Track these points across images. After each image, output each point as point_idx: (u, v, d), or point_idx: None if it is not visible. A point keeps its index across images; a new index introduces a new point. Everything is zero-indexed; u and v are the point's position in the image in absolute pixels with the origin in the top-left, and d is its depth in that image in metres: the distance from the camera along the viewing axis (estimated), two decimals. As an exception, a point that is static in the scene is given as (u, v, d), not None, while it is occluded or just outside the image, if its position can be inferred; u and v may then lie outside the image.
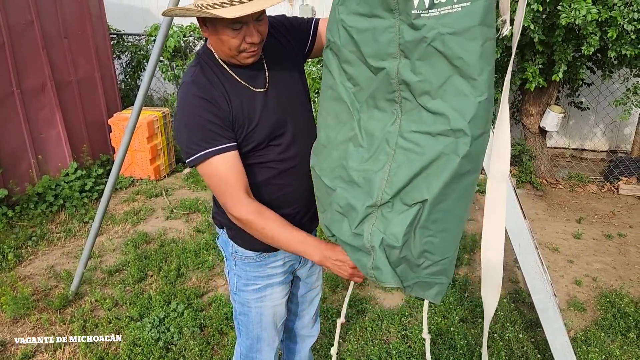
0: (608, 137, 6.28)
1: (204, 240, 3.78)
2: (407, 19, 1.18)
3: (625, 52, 3.92)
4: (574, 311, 3.08)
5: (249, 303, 1.70)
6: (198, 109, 1.39)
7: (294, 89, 1.57)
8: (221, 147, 1.38)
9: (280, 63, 1.55)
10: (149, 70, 2.64)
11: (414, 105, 1.24)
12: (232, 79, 1.45)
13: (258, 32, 1.37)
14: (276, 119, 1.49)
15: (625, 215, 4.60)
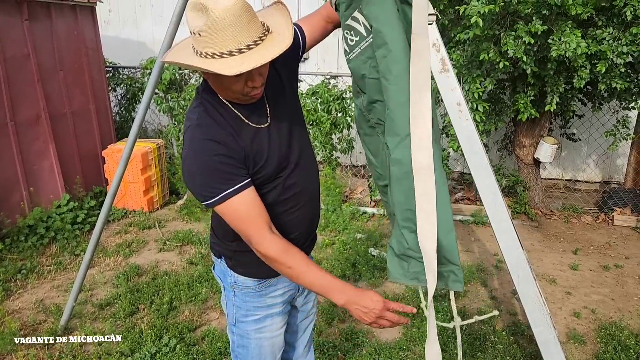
0: (601, 168, 6.32)
1: (197, 273, 3.72)
2: (349, 62, 1.61)
3: (615, 85, 3.98)
4: (574, 344, 3.03)
5: (249, 335, 1.66)
6: (209, 152, 1.35)
7: (293, 117, 1.57)
8: (238, 186, 1.35)
9: (278, 94, 1.54)
10: (144, 102, 2.64)
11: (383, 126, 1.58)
12: (236, 118, 1.43)
13: (260, 74, 1.35)
14: (281, 151, 1.49)
15: (621, 246, 4.59)
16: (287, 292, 1.67)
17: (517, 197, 5.34)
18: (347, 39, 1.57)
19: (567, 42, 3.56)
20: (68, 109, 4.78)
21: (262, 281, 1.61)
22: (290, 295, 1.69)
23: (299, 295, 1.76)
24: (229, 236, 1.58)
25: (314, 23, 1.69)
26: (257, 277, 1.60)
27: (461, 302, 3.46)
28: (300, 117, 1.62)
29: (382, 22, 1.46)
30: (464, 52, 4.25)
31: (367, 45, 1.53)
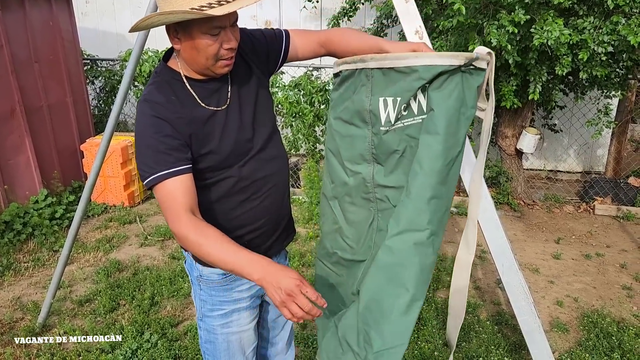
0: (582, 158, 6.38)
1: (180, 267, 3.66)
2: (378, 132, 1.39)
3: (596, 73, 4.00)
4: (557, 332, 3.05)
5: (215, 330, 1.61)
6: (152, 129, 1.32)
7: (258, 106, 1.51)
8: (174, 169, 1.31)
9: (244, 79, 1.50)
10: (120, 94, 2.57)
11: (389, 205, 1.41)
12: (190, 98, 1.39)
13: (235, 38, 1.34)
14: (241, 136, 1.44)
15: (602, 235, 4.63)
16: (255, 287, 1.61)
17: (500, 187, 5.36)
18: (391, 107, 1.34)
19: (550, 30, 3.56)
20: (44, 102, 4.66)
21: (227, 275, 1.55)
22: (258, 289, 1.63)
23: None
24: None
25: (307, 41, 1.61)
26: (219, 271, 1.55)
27: (445, 292, 3.46)
28: (269, 108, 1.56)
29: (442, 112, 1.28)
30: (447, 42, 4.23)
31: (414, 124, 1.34)
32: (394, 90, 1.32)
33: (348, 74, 1.42)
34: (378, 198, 1.41)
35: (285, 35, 1.58)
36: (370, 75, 1.35)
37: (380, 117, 1.35)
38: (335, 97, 1.50)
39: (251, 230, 1.52)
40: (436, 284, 3.52)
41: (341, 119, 1.48)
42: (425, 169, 1.29)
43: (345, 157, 1.45)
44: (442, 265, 3.82)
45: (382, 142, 1.37)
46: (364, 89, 1.37)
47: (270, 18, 6.59)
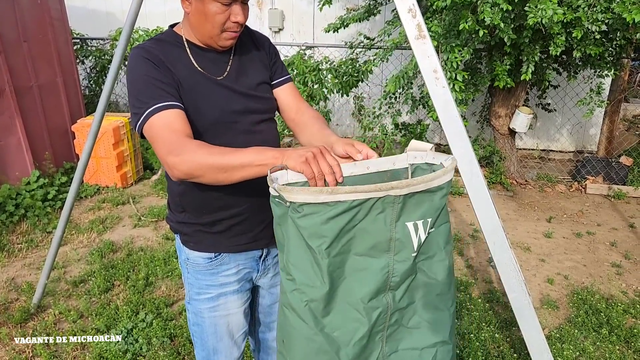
0: (574, 137, 6.41)
1: (173, 248, 3.67)
2: (406, 259, 1.19)
3: (589, 51, 4.00)
4: (547, 309, 3.10)
5: (202, 313, 1.61)
6: (143, 69, 1.33)
7: (256, 91, 1.50)
8: (170, 103, 1.30)
9: (249, 62, 1.51)
10: (111, 74, 2.55)
11: (397, 327, 1.26)
12: (186, 60, 1.41)
13: (243, 14, 1.36)
14: (225, 106, 1.43)
15: (594, 213, 4.68)
16: (243, 270, 1.60)
17: (493, 167, 5.38)
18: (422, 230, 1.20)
19: (544, 9, 3.54)
20: (34, 82, 4.60)
21: (213, 259, 1.55)
22: (246, 273, 1.61)
23: (262, 276, 1.68)
24: (177, 207, 1.54)
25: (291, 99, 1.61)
26: (207, 251, 1.54)
27: (438, 271, 3.49)
28: (268, 101, 1.55)
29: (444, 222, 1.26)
30: (442, 22, 4.20)
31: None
32: (423, 211, 1.18)
33: (356, 204, 1.09)
34: (390, 325, 1.24)
35: (285, 78, 1.61)
36: (398, 201, 1.13)
37: (413, 243, 1.18)
38: (329, 229, 1.09)
39: (234, 215, 1.49)
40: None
41: (353, 252, 1.16)
42: (452, 279, 1.30)
43: (360, 295, 1.18)
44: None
45: (410, 269, 1.21)
46: (383, 216, 1.13)
47: (263, -4, 6.51)
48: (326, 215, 1.06)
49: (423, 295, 1.25)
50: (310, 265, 1.12)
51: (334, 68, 5.11)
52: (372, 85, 6.07)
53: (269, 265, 1.67)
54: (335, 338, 1.17)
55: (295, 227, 1.08)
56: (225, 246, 1.54)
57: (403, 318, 1.25)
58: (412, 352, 1.26)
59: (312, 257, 1.11)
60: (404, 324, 1.26)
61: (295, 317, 1.15)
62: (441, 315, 1.27)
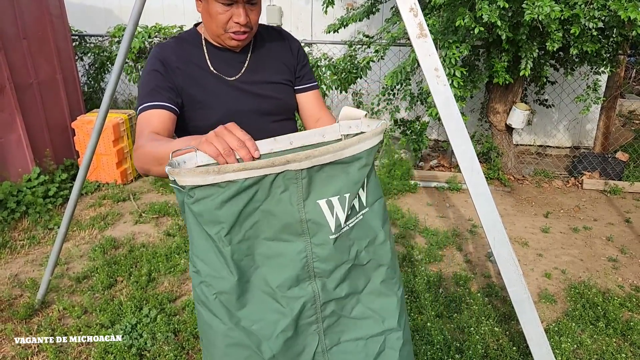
0: (571, 133, 6.46)
1: (175, 244, 3.70)
2: (325, 242, 1.05)
3: (586, 48, 4.03)
4: (545, 303, 3.14)
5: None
6: (153, 67, 1.41)
7: (269, 90, 1.52)
8: (160, 103, 1.36)
9: (266, 64, 1.52)
10: (115, 71, 2.56)
11: (336, 318, 1.14)
12: (201, 59, 1.46)
13: (247, 16, 1.37)
14: (231, 107, 1.45)
15: (590, 208, 4.73)
16: None
17: (490, 163, 5.43)
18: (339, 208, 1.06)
19: (541, 6, 3.57)
20: (34, 79, 4.61)
21: None
22: None
23: None
24: None
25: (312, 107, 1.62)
26: None
27: (437, 266, 3.54)
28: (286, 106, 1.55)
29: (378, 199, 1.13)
30: (440, 19, 4.23)
31: (358, 223, 1.10)
32: (338, 187, 1.03)
33: (249, 183, 0.95)
34: (325, 316, 1.12)
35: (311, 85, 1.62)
36: (301, 176, 0.99)
37: (329, 224, 1.03)
38: (225, 213, 0.96)
39: None
40: (428, 258, 3.60)
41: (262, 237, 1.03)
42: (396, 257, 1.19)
43: (276, 283, 1.05)
44: (434, 240, 3.89)
45: (332, 253, 1.06)
46: (287, 194, 1.00)
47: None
48: (219, 198, 0.93)
49: (366, 283, 1.15)
50: (214, 255, 1.00)
51: (332, 65, 5.14)
52: (370, 82, 6.10)
53: None
54: (254, 332, 1.05)
55: (192, 215, 0.96)
56: None
57: (344, 309, 1.14)
58: (355, 342, 1.16)
59: (214, 246, 0.99)
60: (345, 315, 1.14)
61: (207, 312, 1.05)
62: (388, 302, 1.17)
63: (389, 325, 1.17)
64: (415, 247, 3.80)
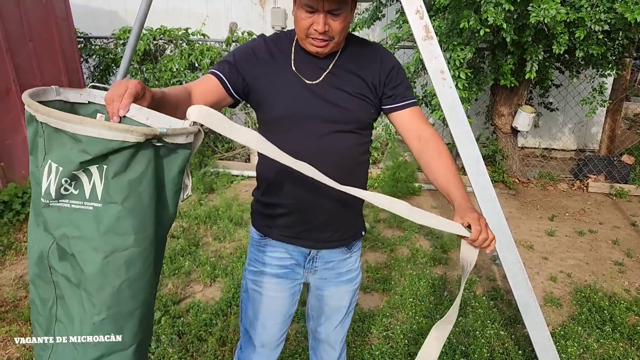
0: (576, 136, 6.43)
1: (180, 246, 3.70)
2: (38, 202, 0.99)
3: (592, 51, 4.02)
4: (551, 307, 3.13)
5: (247, 283, 1.73)
6: (243, 48, 1.55)
7: (343, 100, 1.50)
8: (217, 73, 1.49)
9: (347, 75, 1.51)
10: (120, 72, 2.57)
11: (62, 294, 1.04)
12: (286, 60, 1.51)
13: (327, 24, 1.39)
14: (292, 108, 1.49)
15: (595, 212, 4.71)
16: (289, 259, 1.66)
17: (495, 165, 5.41)
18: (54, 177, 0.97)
19: (546, 8, 3.56)
20: (39, 81, 4.62)
21: (262, 237, 1.66)
22: (292, 264, 1.67)
23: (310, 275, 1.72)
24: (257, 179, 1.69)
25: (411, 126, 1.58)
26: (257, 229, 1.68)
27: (441, 269, 3.52)
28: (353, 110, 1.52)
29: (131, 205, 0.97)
30: (445, 21, 4.23)
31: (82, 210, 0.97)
32: (61, 156, 0.95)
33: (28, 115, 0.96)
34: (54, 281, 1.03)
35: (405, 103, 1.56)
36: (42, 128, 0.95)
37: (42, 185, 0.97)
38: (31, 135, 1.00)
39: (282, 205, 1.58)
40: (432, 261, 3.59)
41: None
42: (120, 280, 0.97)
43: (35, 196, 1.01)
44: (439, 243, 3.88)
45: (43, 216, 1.00)
46: (41, 141, 0.97)
47: (266, -5, 6.53)
48: None
49: (74, 273, 0.98)
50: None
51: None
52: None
53: (317, 268, 1.69)
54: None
55: None
56: (271, 231, 1.64)
57: (66, 288, 1.01)
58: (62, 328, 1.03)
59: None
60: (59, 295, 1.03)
61: None
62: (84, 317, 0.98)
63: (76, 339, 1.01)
64: (420, 250, 3.78)
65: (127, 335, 1.00)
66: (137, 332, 1.01)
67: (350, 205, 1.61)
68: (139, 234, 0.97)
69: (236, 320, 2.86)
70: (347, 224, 1.64)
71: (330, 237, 1.62)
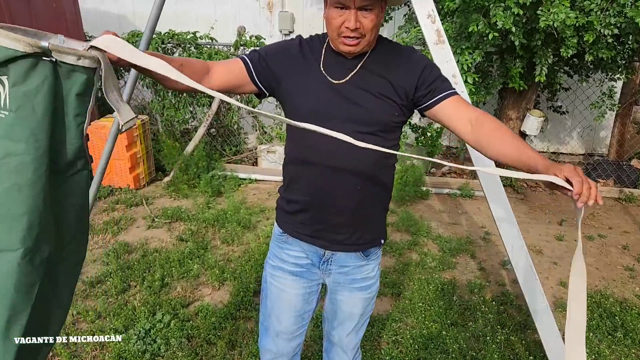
0: (584, 140, 6.40)
1: (188, 249, 3.70)
2: None
3: (601, 55, 4.00)
4: (561, 312, 3.11)
5: (267, 276, 1.78)
6: (280, 44, 1.61)
7: (367, 101, 1.49)
8: (244, 58, 1.55)
9: (374, 77, 1.50)
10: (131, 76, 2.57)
11: None
12: (315, 60, 1.53)
13: (359, 21, 1.39)
14: (326, 108, 1.49)
15: (605, 217, 4.68)
16: (304, 259, 1.68)
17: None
18: None
19: (556, 13, 3.55)
20: (49, 84, 4.65)
21: (283, 233, 1.70)
22: (308, 264, 1.69)
23: (325, 277, 1.72)
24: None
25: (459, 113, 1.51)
26: (280, 226, 1.71)
27: (450, 273, 3.51)
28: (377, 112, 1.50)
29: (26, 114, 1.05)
30: (453, 24, 4.22)
31: None
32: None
33: None
34: None
35: (442, 96, 1.50)
36: None
37: None
38: None
39: (300, 202, 1.61)
40: (441, 266, 3.57)
41: None
42: (11, 182, 1.05)
43: None
44: (447, 247, 3.87)
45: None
46: None
47: (273, -1, 6.55)
48: None
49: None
50: None
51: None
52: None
53: (331, 271, 1.70)
54: None
55: None
56: (290, 228, 1.67)
57: None
58: None
59: None
60: None
61: None
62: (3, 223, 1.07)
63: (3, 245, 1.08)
64: (428, 254, 3.77)
65: (14, 237, 1.06)
66: (24, 237, 1.07)
67: (370, 210, 1.61)
68: (29, 143, 1.04)
69: (245, 324, 2.86)
70: (365, 229, 1.63)
71: (345, 240, 1.62)
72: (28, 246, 1.09)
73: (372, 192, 1.57)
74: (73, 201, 1.18)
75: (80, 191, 1.20)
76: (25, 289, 1.11)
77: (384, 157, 1.48)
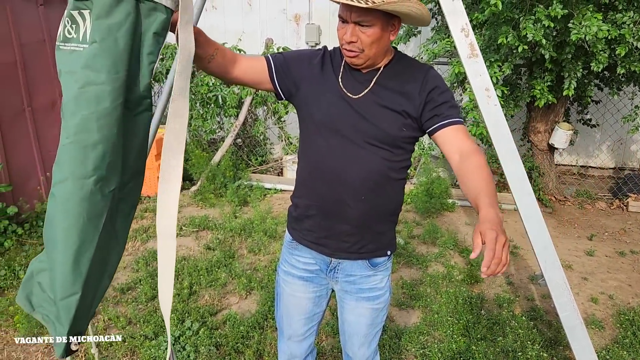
0: (614, 154, 6.29)
1: (216, 258, 3.75)
2: (57, 49, 1.18)
3: (634, 68, 3.95)
4: (593, 329, 3.05)
5: (278, 279, 1.84)
6: (307, 51, 1.67)
7: (377, 116, 1.52)
8: (270, 57, 1.61)
9: (387, 92, 1.54)
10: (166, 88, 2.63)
11: None
12: (335, 72, 1.58)
13: (355, 35, 1.44)
14: (338, 119, 1.54)
15: (637, 232, 4.58)
16: (312, 265, 1.74)
17: (531, 183, 5.32)
18: (64, 20, 1.16)
19: (588, 26, 3.52)
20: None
21: (293, 240, 1.76)
22: (316, 270, 1.74)
23: (335, 281, 1.75)
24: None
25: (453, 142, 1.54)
26: (289, 232, 1.78)
27: (479, 287, 3.47)
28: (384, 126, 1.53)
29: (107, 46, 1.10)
30: (482, 37, 4.22)
31: (77, 52, 1.13)
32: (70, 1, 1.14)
33: None
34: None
35: (446, 122, 1.52)
36: None
37: (59, 28, 1.16)
38: None
39: (306, 207, 1.66)
40: (468, 279, 3.54)
41: None
42: (89, 110, 1.10)
43: None
44: (474, 260, 3.83)
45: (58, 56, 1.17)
46: None
47: (300, 12, 6.62)
48: None
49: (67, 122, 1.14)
50: None
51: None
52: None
53: (337, 279, 1.74)
54: None
55: None
56: (297, 235, 1.72)
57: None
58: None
59: None
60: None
61: None
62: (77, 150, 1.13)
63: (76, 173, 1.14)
64: (455, 267, 3.74)
65: (89, 164, 1.12)
66: (98, 166, 1.12)
67: (375, 220, 1.62)
68: (110, 74, 1.10)
69: (272, 334, 2.87)
70: (370, 238, 1.65)
71: (349, 248, 1.65)
72: (101, 174, 1.14)
73: (378, 204, 1.59)
74: (135, 141, 1.23)
75: (142, 132, 1.24)
76: (95, 219, 1.17)
77: (392, 170, 1.56)
